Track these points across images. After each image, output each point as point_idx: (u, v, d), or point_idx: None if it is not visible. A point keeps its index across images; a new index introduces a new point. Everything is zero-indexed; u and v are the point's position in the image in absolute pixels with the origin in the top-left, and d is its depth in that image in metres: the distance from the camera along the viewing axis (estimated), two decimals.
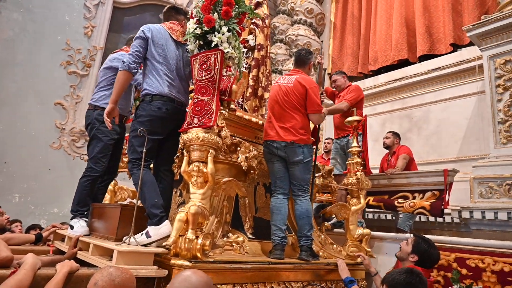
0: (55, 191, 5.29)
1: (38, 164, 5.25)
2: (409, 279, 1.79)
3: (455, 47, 5.76)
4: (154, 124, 2.38)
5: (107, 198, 3.44)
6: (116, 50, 3.17)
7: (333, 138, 5.55)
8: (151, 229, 2.14)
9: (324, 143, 5.51)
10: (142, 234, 2.14)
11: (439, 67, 5.62)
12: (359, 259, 3.05)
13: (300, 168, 2.79)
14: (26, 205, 5.05)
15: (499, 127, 4.07)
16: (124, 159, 3.30)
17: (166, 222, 2.18)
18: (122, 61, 2.44)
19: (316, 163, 3.45)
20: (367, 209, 4.54)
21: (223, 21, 2.32)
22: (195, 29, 2.34)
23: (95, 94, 2.93)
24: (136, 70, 2.45)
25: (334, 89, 4.54)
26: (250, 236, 2.77)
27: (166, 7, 2.81)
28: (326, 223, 3.50)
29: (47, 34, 5.57)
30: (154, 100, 2.41)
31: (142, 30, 2.48)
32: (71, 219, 2.67)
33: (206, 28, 2.30)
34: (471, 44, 5.05)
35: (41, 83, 5.44)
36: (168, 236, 2.09)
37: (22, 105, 5.24)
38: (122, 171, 3.43)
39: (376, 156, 5.03)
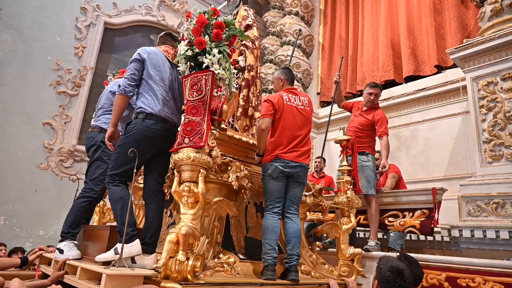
0: (41, 213, 5.17)
1: (25, 185, 5.14)
2: (391, 279, 1.91)
3: (440, 68, 5.95)
4: (143, 144, 2.36)
5: (95, 220, 3.38)
6: (121, 74, 3.22)
7: (322, 156, 5.61)
8: (120, 246, 2.12)
9: (315, 162, 5.53)
10: (111, 250, 2.15)
11: (425, 88, 5.78)
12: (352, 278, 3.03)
13: (303, 188, 2.92)
14: (11, 227, 4.91)
15: (484, 146, 4.17)
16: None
17: (137, 241, 2.16)
18: (118, 85, 2.46)
19: (307, 182, 3.46)
20: (358, 228, 4.54)
21: (213, 43, 2.37)
22: (186, 50, 2.37)
23: (101, 117, 2.95)
24: (132, 93, 2.48)
25: (365, 100, 4.15)
26: (242, 257, 2.74)
27: (163, 32, 2.85)
28: (317, 243, 3.48)
29: (37, 54, 5.58)
30: (147, 119, 2.41)
31: (138, 53, 2.52)
32: (60, 241, 2.59)
33: (197, 50, 2.34)
34: (454, 66, 5.22)
35: (30, 103, 5.40)
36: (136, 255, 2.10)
37: (10, 126, 5.17)
38: None
39: None
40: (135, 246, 2.12)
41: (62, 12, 5.96)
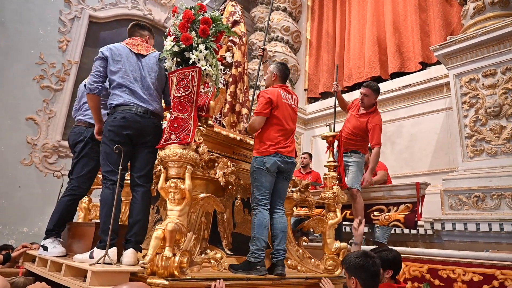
0: (25, 209, 5.08)
1: (8, 182, 5.04)
2: (363, 262, 1.99)
3: (424, 65, 6.05)
4: (117, 136, 2.33)
5: (80, 216, 3.35)
6: None
7: (309, 152, 5.67)
8: (96, 251, 2.13)
9: (301, 158, 5.58)
10: (86, 253, 2.16)
11: (409, 84, 5.88)
12: (336, 273, 3.10)
13: (288, 184, 2.99)
14: None
15: (466, 141, 4.28)
16: (99, 175, 3.23)
17: (113, 249, 2.12)
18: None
19: (294, 178, 3.50)
20: (344, 223, 4.62)
21: (200, 39, 2.36)
22: (173, 46, 2.36)
23: (88, 111, 2.80)
24: (98, 90, 2.45)
25: (361, 99, 4.08)
26: (229, 252, 2.76)
27: (130, 24, 2.81)
28: (304, 237, 3.53)
29: (20, 48, 5.44)
30: (116, 112, 2.39)
31: (101, 51, 2.51)
32: (45, 238, 2.55)
33: (183, 46, 2.33)
34: (438, 62, 5.32)
35: (13, 98, 5.28)
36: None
37: None
38: (97, 188, 3.36)
39: None
40: (112, 254, 2.07)
41: (46, 5, 5.82)
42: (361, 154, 4.00)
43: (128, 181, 2.50)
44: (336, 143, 3.68)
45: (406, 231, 4.84)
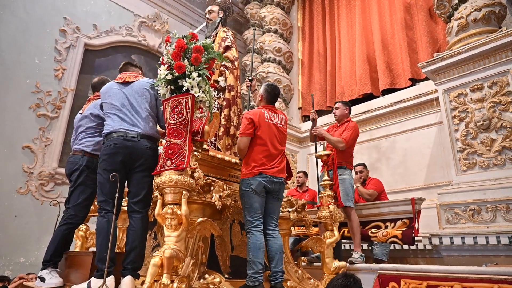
0: (21, 239, 5.03)
1: (3, 211, 5.01)
2: (345, 282, 2.00)
3: (414, 81, 6.18)
4: (110, 164, 2.38)
5: (77, 245, 3.33)
6: (95, 96, 3.19)
7: (304, 171, 5.71)
8: (94, 281, 2.14)
9: (297, 177, 5.61)
10: (84, 284, 2.17)
11: (401, 100, 5.99)
12: None
13: (280, 203, 3.00)
14: None
15: (458, 155, 4.34)
16: (95, 203, 3.24)
17: (110, 278, 2.12)
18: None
19: (290, 198, 3.52)
20: (343, 240, 4.61)
21: (193, 67, 2.43)
22: (166, 74, 2.43)
23: (83, 140, 2.89)
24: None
25: (334, 113, 4.34)
26: (227, 276, 2.75)
27: (121, 63, 2.92)
28: (303, 258, 3.52)
29: (16, 77, 5.52)
30: (107, 140, 2.46)
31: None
32: (42, 269, 2.54)
33: (177, 74, 2.40)
34: (427, 78, 5.44)
35: (9, 126, 5.31)
36: None
37: None
38: (93, 215, 3.36)
39: None
40: (109, 283, 2.07)
41: (42, 35, 5.94)
42: (348, 170, 3.99)
43: (126, 207, 2.51)
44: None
45: (405, 246, 4.83)
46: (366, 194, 4.54)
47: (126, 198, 2.54)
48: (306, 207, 3.55)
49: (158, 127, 2.73)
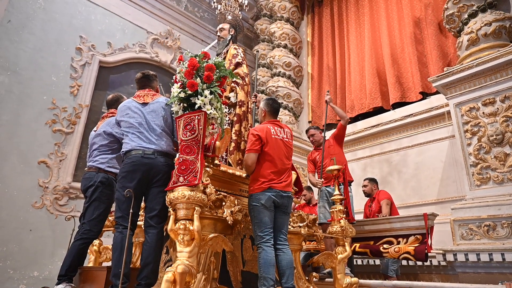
0: (36, 253, 5.11)
1: (19, 225, 5.10)
2: None
3: (425, 95, 6.16)
4: (128, 181, 2.44)
5: (91, 260, 3.37)
6: (109, 113, 3.29)
7: (309, 186, 5.69)
8: None
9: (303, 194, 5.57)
10: None
11: (411, 114, 5.97)
12: None
13: (288, 218, 2.98)
14: (5, 269, 4.83)
15: (471, 169, 4.29)
16: (110, 218, 3.29)
17: None
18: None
19: (300, 212, 3.52)
20: (355, 256, 4.55)
21: (205, 84, 2.50)
22: (179, 92, 2.50)
23: (98, 157, 2.99)
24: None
25: (312, 141, 4.77)
26: None
27: (137, 77, 2.92)
28: (314, 273, 3.49)
29: (33, 94, 5.70)
30: (126, 158, 2.54)
31: (115, 118, 2.87)
32: (57, 284, 2.58)
33: (189, 92, 2.47)
34: (438, 92, 5.43)
35: (25, 142, 5.46)
36: None
37: (5, 166, 5.20)
38: (107, 230, 3.41)
39: (359, 200, 5.15)
40: None
41: (58, 53, 6.14)
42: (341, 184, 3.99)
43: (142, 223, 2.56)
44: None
45: (419, 262, 4.74)
46: (387, 213, 4.48)
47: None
48: (317, 222, 3.54)
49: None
